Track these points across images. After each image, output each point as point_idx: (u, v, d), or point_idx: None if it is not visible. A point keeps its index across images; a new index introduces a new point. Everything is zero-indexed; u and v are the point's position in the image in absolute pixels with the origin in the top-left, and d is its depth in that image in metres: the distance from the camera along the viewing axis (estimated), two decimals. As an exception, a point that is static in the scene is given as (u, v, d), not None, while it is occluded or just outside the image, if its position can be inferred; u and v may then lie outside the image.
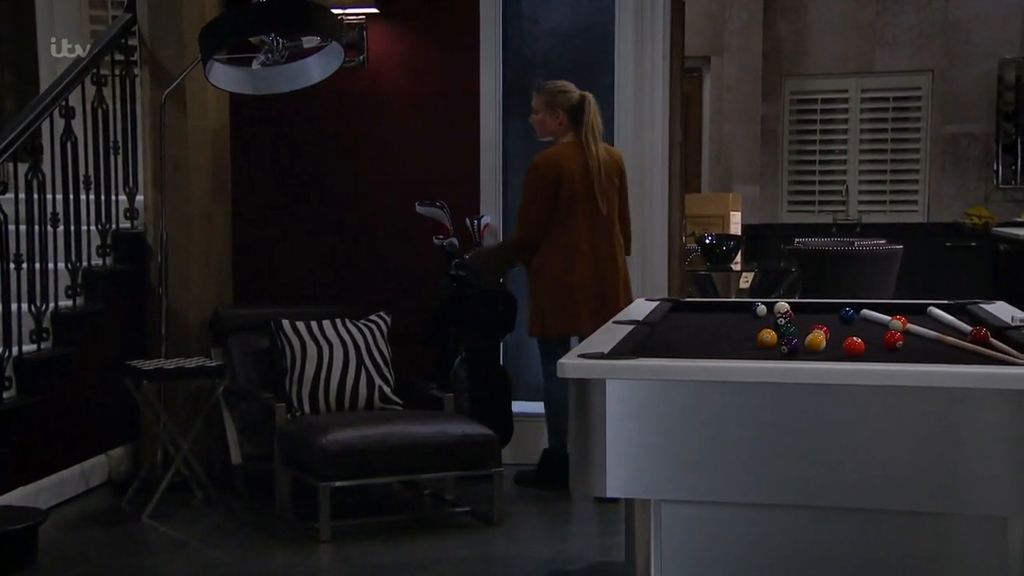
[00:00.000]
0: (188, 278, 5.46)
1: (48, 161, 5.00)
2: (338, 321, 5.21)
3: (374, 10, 5.68)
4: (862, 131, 9.86)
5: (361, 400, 5.06)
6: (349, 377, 5.05)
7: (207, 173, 5.56)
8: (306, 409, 4.98)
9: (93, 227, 5.24)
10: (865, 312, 3.67)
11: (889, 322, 3.38)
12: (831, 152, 9.96)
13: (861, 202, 9.85)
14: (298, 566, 4.29)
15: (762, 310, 3.86)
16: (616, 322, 3.58)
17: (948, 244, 9.21)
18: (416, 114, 5.77)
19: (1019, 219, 8.94)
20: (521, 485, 5.23)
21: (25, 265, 4.71)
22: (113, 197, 5.35)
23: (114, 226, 5.37)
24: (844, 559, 2.74)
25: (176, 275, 5.40)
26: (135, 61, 5.45)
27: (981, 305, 3.82)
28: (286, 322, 5.10)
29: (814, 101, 9.96)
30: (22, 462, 4.71)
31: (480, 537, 4.58)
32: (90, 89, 5.22)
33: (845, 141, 9.91)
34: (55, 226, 4.95)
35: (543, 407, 5.20)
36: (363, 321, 5.27)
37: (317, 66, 5.20)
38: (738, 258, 7.01)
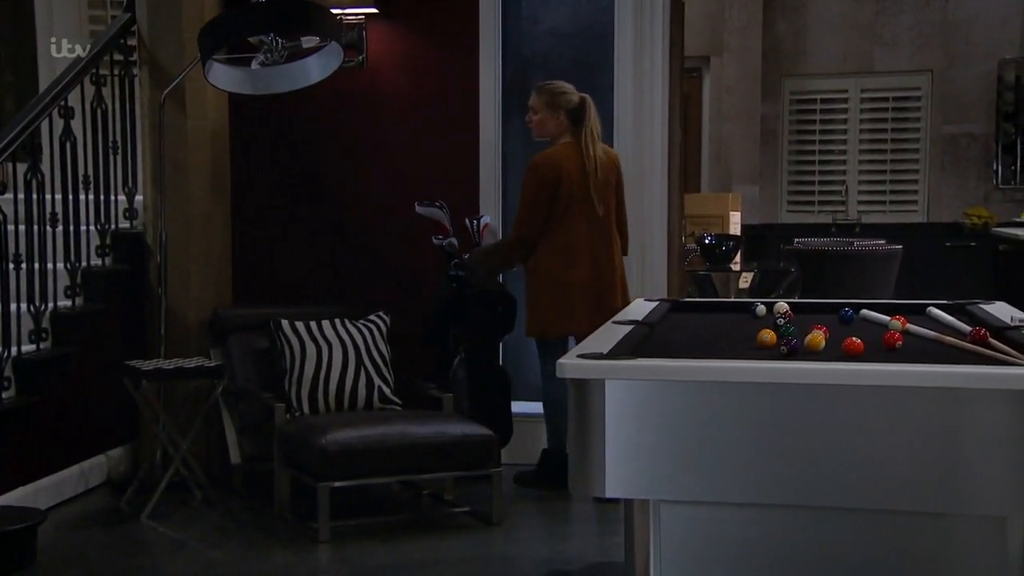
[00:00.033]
0: (187, 278, 5.46)
1: (47, 161, 5.01)
2: (337, 321, 5.21)
3: (373, 10, 5.68)
4: (862, 131, 9.85)
5: (360, 400, 5.06)
6: (348, 377, 5.05)
7: (206, 173, 5.56)
8: (305, 409, 4.97)
9: (92, 227, 5.24)
10: (864, 312, 3.66)
11: (888, 322, 3.38)
12: (830, 152, 9.95)
13: (860, 202, 9.84)
14: (297, 566, 4.29)
15: (761, 310, 3.86)
16: (615, 322, 3.57)
17: (947, 244, 9.20)
18: (415, 114, 5.77)
19: (1018, 219, 8.93)
20: (520, 485, 5.23)
21: (24, 265, 4.71)
22: (112, 197, 5.35)
23: (113, 226, 5.37)
24: (843, 559, 2.73)
25: (175, 275, 5.40)
26: (134, 61, 5.45)
27: (980, 305, 3.81)
28: (285, 322, 5.10)
29: (814, 101, 9.96)
30: (21, 462, 4.71)
31: (479, 537, 4.58)
32: (89, 89, 5.22)
33: (845, 141, 9.90)
34: (54, 226, 4.94)
35: (542, 407, 5.20)
36: (362, 321, 5.27)
37: (316, 66, 5.20)
38: (737, 258, 7.01)
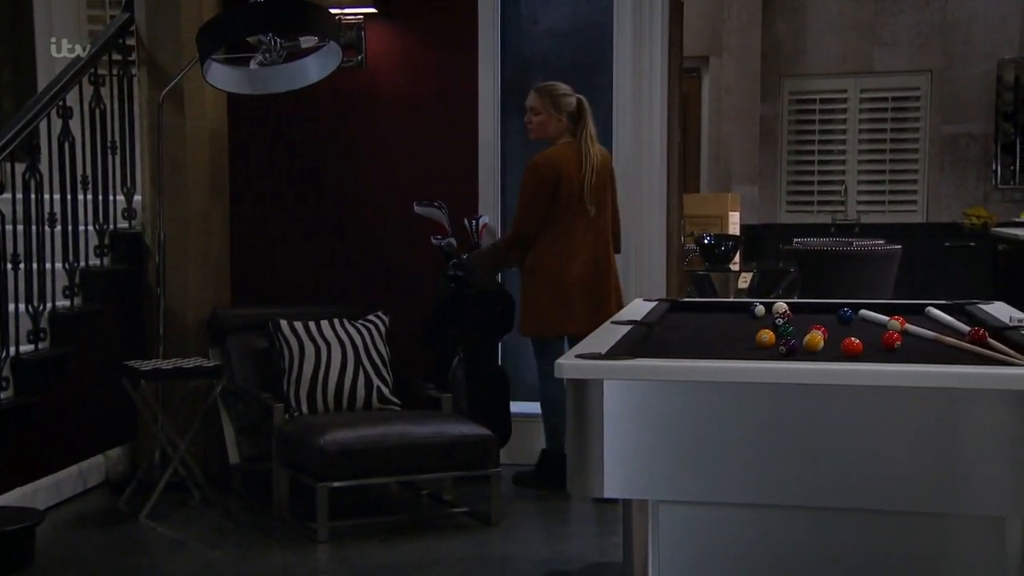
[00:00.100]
0: (186, 278, 5.45)
1: (45, 161, 5.00)
2: (336, 321, 5.20)
3: (372, 10, 5.68)
4: (861, 131, 9.84)
5: (359, 400, 5.05)
6: (347, 377, 5.05)
7: (205, 173, 5.55)
8: (304, 409, 4.97)
9: (91, 227, 5.23)
10: (863, 312, 3.66)
11: (887, 322, 3.38)
12: (830, 152, 9.95)
13: (860, 202, 9.84)
14: (296, 566, 4.29)
15: (760, 310, 3.85)
16: (614, 322, 3.57)
17: (947, 244, 9.20)
18: (414, 114, 5.76)
19: (1018, 219, 8.93)
20: (519, 485, 5.23)
21: (22, 265, 4.71)
22: (111, 197, 5.34)
23: (112, 226, 5.36)
24: (842, 559, 2.73)
25: (174, 275, 5.40)
26: (133, 61, 5.45)
27: (979, 305, 3.81)
28: (284, 322, 5.10)
29: (813, 101, 9.95)
30: (19, 462, 4.71)
31: (478, 537, 4.57)
32: (88, 89, 5.21)
33: (844, 141, 9.89)
34: (52, 226, 4.94)
35: (540, 407, 5.20)
36: (361, 321, 5.26)
37: (315, 66, 5.19)
38: (737, 258, 7.01)
